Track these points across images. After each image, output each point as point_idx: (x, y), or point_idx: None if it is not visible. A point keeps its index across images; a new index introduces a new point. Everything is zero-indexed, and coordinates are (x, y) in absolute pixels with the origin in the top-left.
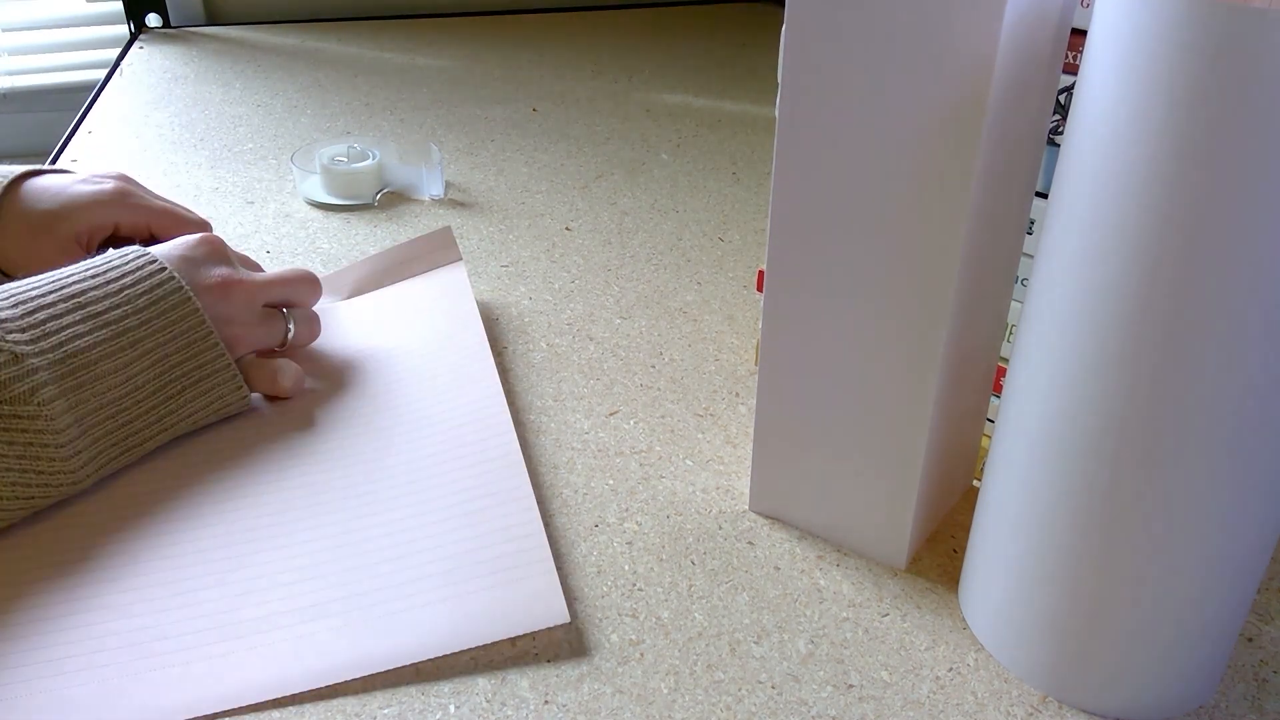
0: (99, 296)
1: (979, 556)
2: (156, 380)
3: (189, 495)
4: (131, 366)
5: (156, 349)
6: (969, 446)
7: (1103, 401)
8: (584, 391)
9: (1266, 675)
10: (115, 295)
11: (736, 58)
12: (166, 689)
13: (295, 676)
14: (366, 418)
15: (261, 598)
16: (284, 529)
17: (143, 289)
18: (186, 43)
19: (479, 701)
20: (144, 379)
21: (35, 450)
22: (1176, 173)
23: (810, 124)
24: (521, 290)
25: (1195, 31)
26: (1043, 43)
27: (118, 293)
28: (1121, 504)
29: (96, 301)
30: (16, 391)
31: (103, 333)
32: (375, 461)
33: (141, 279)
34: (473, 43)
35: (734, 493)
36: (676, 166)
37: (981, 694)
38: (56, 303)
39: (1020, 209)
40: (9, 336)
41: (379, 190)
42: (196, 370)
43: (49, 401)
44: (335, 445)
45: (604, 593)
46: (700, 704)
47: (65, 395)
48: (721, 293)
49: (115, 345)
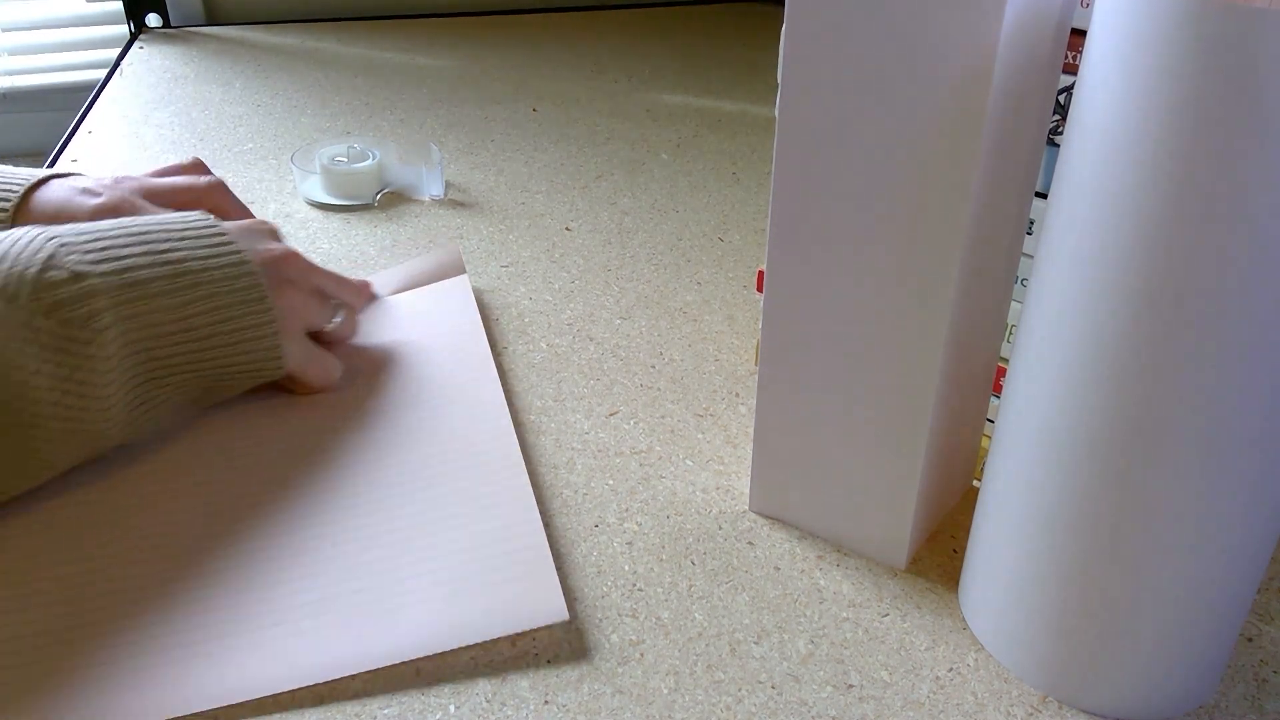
0: (162, 237)
1: (979, 556)
2: (208, 327)
3: (189, 495)
4: (188, 306)
5: (215, 295)
6: (969, 446)
7: (1102, 401)
8: (584, 391)
9: (1266, 675)
10: (177, 240)
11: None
12: (166, 683)
13: (295, 672)
14: (369, 419)
15: (261, 595)
16: (286, 526)
17: (203, 242)
18: (186, 43)
19: (479, 701)
20: (197, 321)
21: (82, 374)
22: (1176, 172)
23: (810, 124)
24: (521, 290)
25: (1195, 31)
26: (1043, 43)
27: (180, 239)
28: (1121, 504)
29: (159, 241)
30: (76, 313)
31: (164, 269)
32: (377, 461)
33: (202, 230)
34: (473, 43)
35: (734, 493)
36: (676, 166)
37: (981, 694)
38: (120, 235)
39: (1020, 209)
40: (71, 256)
41: (379, 190)
42: (247, 328)
43: (104, 329)
44: (338, 445)
45: (604, 593)
46: (700, 704)
47: (120, 323)
48: (721, 293)
49: (175, 283)
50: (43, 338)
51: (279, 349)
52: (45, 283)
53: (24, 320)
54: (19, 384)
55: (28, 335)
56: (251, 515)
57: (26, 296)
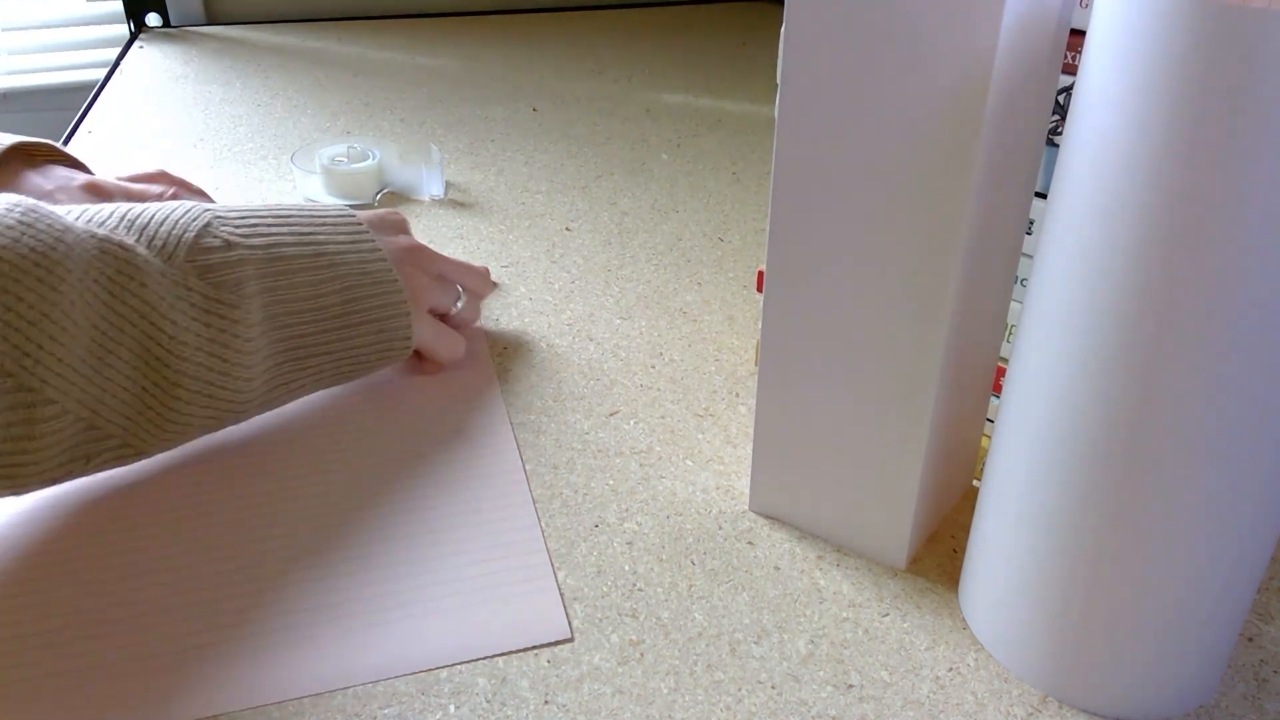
0: (304, 220)
1: (979, 556)
2: (341, 306)
3: (188, 501)
4: (324, 285)
5: (349, 276)
6: (969, 446)
7: (1102, 401)
8: (584, 391)
9: (1266, 675)
10: (319, 225)
11: (736, 58)
12: (170, 689)
13: (295, 680)
14: (370, 428)
15: (261, 599)
16: (289, 538)
17: (342, 229)
18: (186, 43)
19: (479, 701)
20: (331, 300)
21: (226, 338)
22: (1176, 172)
23: (810, 124)
24: (521, 290)
25: (1195, 31)
26: (1042, 43)
27: (321, 224)
28: (1121, 504)
29: (302, 224)
30: (226, 278)
31: (304, 249)
32: (378, 476)
33: (339, 219)
34: (473, 43)
35: (734, 493)
36: (676, 166)
37: (981, 694)
38: (268, 215)
39: (1020, 209)
40: (224, 225)
41: (379, 190)
42: (378, 308)
43: (250, 297)
44: (339, 459)
45: (604, 593)
46: (700, 704)
47: (264, 293)
48: (721, 293)
49: (314, 262)
50: (194, 297)
51: (408, 328)
52: (201, 247)
53: (179, 279)
54: (169, 339)
55: (180, 293)
56: (255, 526)
57: (183, 257)
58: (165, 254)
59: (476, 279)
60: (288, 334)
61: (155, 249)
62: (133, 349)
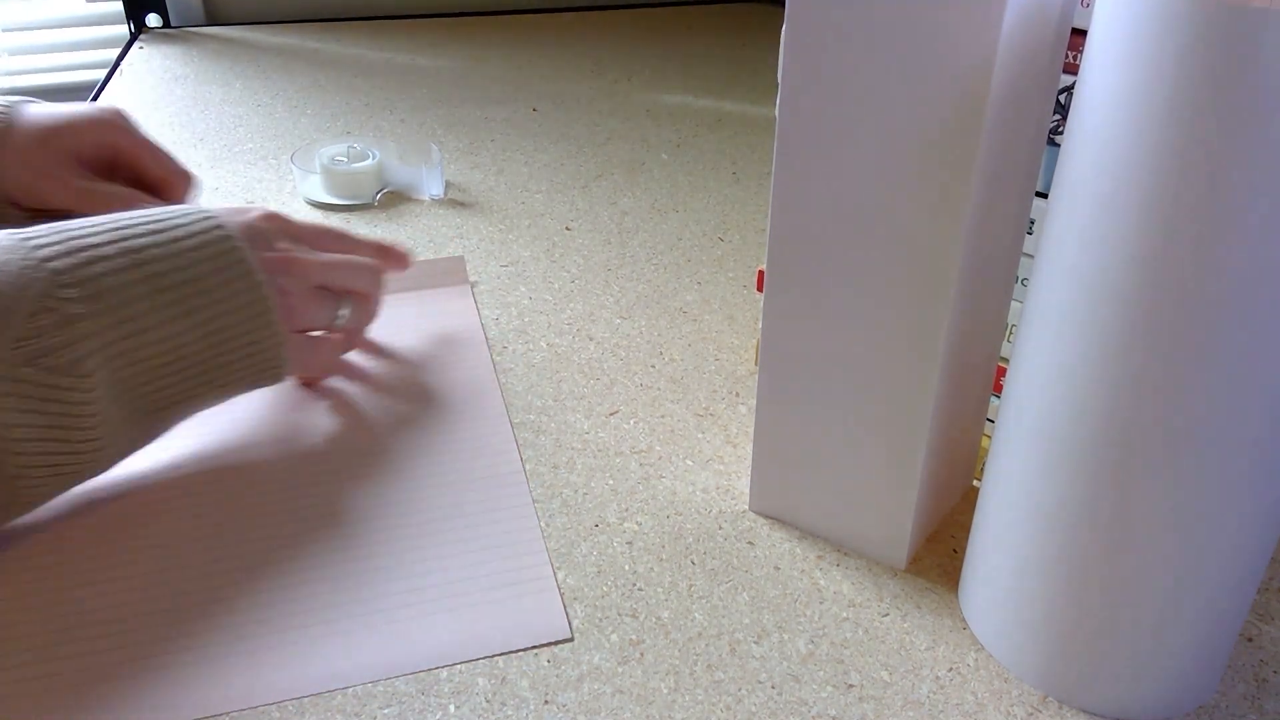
0: (160, 255)
1: (979, 557)
2: (204, 351)
3: (191, 504)
4: (182, 336)
5: (211, 320)
6: (969, 446)
7: (1102, 401)
8: (584, 391)
9: (1266, 675)
10: (177, 256)
11: (736, 58)
12: (170, 690)
13: (293, 682)
14: (368, 428)
15: (262, 600)
16: (288, 536)
17: (206, 253)
18: (186, 43)
19: (479, 701)
20: (191, 350)
21: (67, 421)
22: (1176, 172)
23: (810, 124)
24: (521, 290)
25: (1195, 31)
26: (1043, 43)
27: (179, 254)
28: (1121, 504)
29: (157, 260)
30: (60, 360)
31: (159, 298)
32: (379, 475)
33: (204, 240)
34: (473, 43)
35: (734, 493)
36: (676, 166)
37: (981, 694)
38: (116, 255)
39: (1020, 209)
40: (63, 292)
41: (379, 190)
42: (247, 346)
43: (91, 373)
44: (340, 457)
45: (604, 593)
46: (700, 704)
47: (109, 363)
48: (721, 293)
49: (169, 313)
50: (25, 388)
51: (281, 356)
52: (31, 329)
53: (3, 372)
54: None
55: (6, 387)
56: (253, 523)
57: (9, 347)
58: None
59: (366, 278)
60: (144, 392)
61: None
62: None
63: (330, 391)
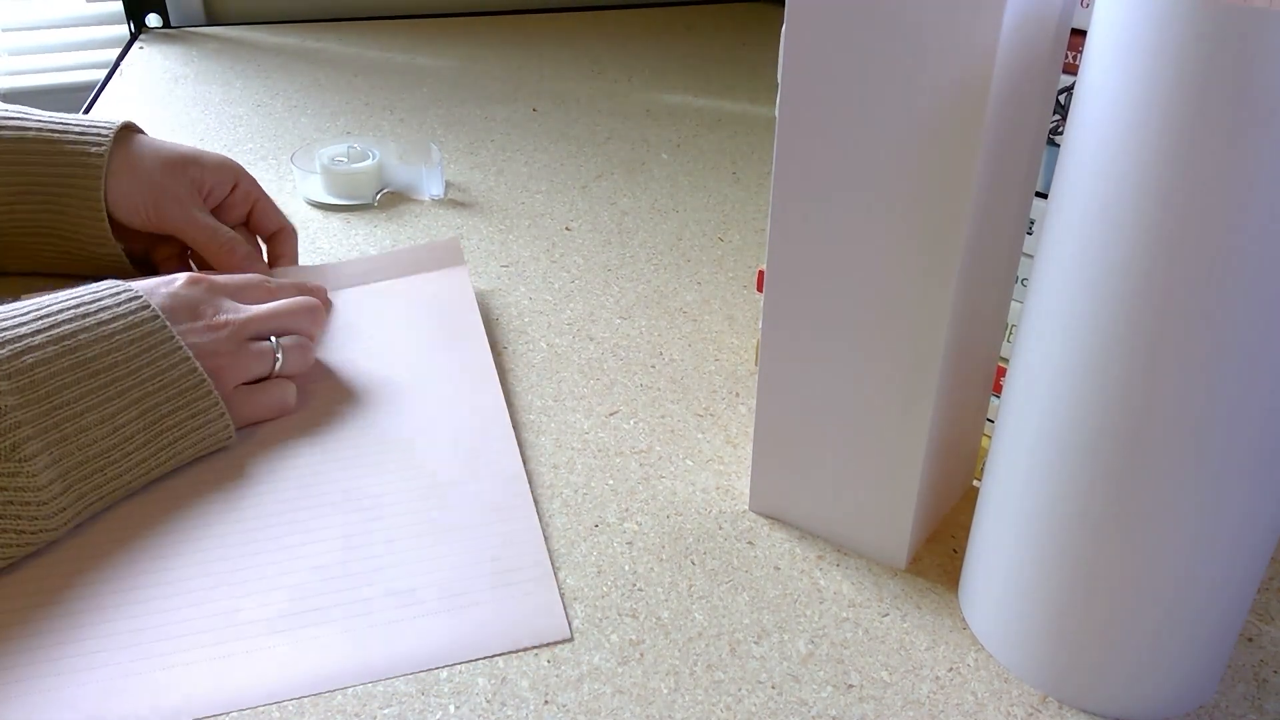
0: (88, 341)
1: (979, 556)
2: (145, 431)
3: (189, 502)
4: (119, 417)
5: (145, 398)
6: (969, 446)
7: (1103, 401)
8: (584, 391)
9: (1266, 675)
10: (104, 340)
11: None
12: (167, 690)
13: (293, 682)
14: (369, 425)
15: (262, 600)
16: (285, 534)
17: (132, 334)
18: (186, 43)
19: (479, 701)
20: (132, 429)
21: (15, 508)
22: (1176, 172)
23: (810, 124)
24: (521, 290)
25: (1195, 31)
26: (1043, 43)
27: (107, 336)
28: (1121, 504)
29: (86, 346)
30: (2, 446)
31: (90, 382)
32: (378, 470)
33: (130, 322)
34: (473, 43)
35: (734, 493)
36: (676, 166)
37: (981, 694)
38: (45, 344)
39: (1020, 209)
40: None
41: (379, 190)
42: (187, 417)
43: (31, 457)
44: (337, 452)
45: (604, 593)
46: (700, 704)
47: (49, 449)
48: (721, 293)
49: (103, 396)
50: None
51: (225, 419)
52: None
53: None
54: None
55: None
56: (250, 522)
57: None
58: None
59: (303, 319)
60: (87, 471)
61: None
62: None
63: (327, 390)
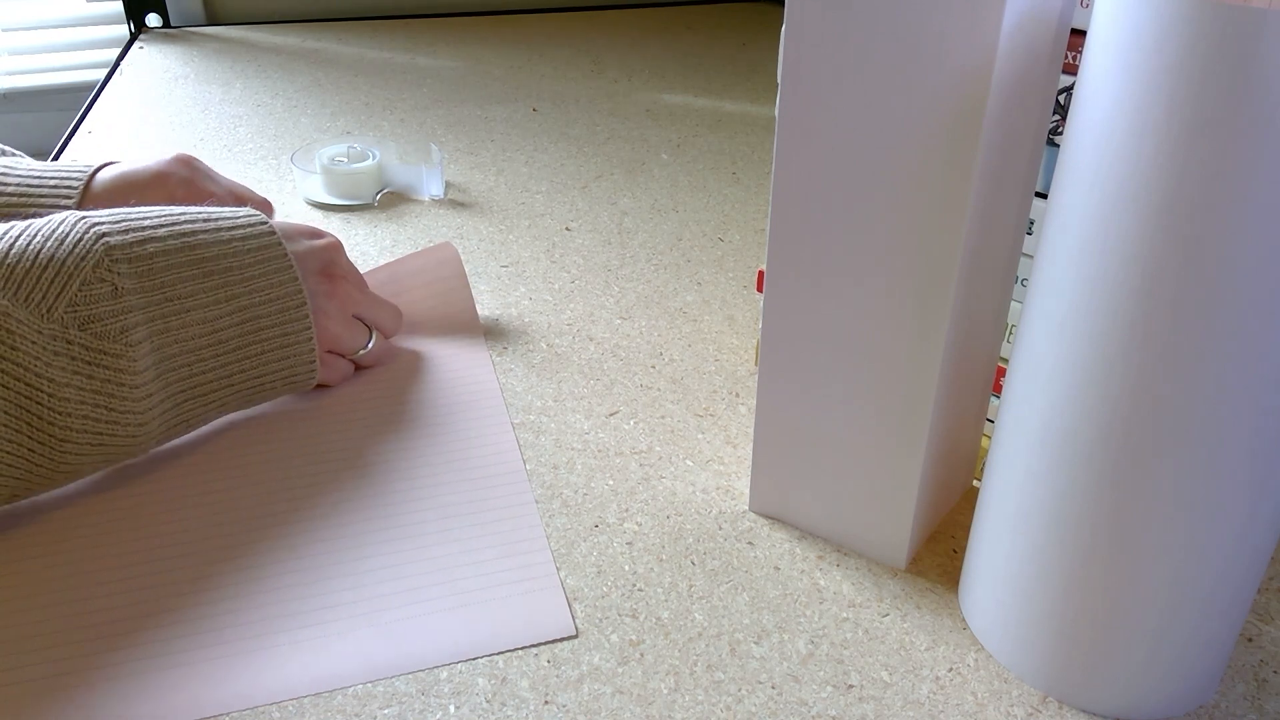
0: (209, 241)
1: (979, 556)
2: (240, 338)
3: (187, 503)
4: (220, 320)
5: (251, 306)
6: (969, 446)
7: (1102, 401)
8: (584, 391)
9: (1266, 675)
10: (223, 244)
11: (736, 58)
12: (171, 689)
13: (297, 681)
14: (371, 428)
15: (264, 599)
16: (288, 535)
17: (250, 245)
18: (186, 43)
19: (479, 701)
20: (229, 334)
21: (112, 388)
22: (1176, 172)
23: (810, 124)
24: (521, 290)
25: (1195, 31)
26: (1042, 43)
27: (225, 241)
28: (1121, 503)
29: (205, 246)
30: (110, 327)
31: (204, 281)
32: (382, 471)
33: (250, 233)
34: (473, 43)
35: (734, 493)
36: (676, 166)
37: (981, 694)
38: (167, 238)
39: (1020, 209)
40: (116, 266)
41: (379, 190)
42: (279, 335)
43: (137, 343)
44: (343, 456)
45: (604, 593)
46: (700, 704)
47: (152, 338)
48: (721, 293)
49: (211, 296)
50: (75, 350)
51: (312, 355)
52: (84, 297)
53: (56, 333)
54: (49, 396)
55: (59, 348)
56: (255, 522)
57: (63, 309)
58: (43, 307)
59: (390, 318)
60: (184, 373)
61: (32, 302)
62: (10, 411)
63: (329, 391)
